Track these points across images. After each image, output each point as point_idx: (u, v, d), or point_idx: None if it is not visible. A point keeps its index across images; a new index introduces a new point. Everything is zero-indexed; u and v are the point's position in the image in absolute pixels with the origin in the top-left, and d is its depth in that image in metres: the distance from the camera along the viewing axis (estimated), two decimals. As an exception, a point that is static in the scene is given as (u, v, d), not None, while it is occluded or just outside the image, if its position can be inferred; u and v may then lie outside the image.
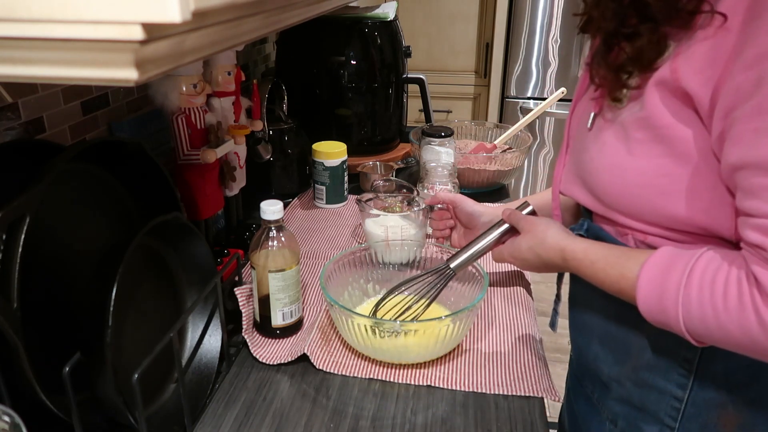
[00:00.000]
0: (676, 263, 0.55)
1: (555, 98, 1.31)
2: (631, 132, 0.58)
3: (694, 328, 0.54)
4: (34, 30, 0.30)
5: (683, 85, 0.52)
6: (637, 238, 0.63)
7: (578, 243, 0.67)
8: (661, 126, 0.56)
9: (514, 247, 0.77)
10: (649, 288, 0.56)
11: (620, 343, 0.68)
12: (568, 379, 0.85)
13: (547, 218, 0.76)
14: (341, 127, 1.38)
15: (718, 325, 0.52)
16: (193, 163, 0.87)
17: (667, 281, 0.55)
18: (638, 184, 0.59)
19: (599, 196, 0.64)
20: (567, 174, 0.72)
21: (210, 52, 0.39)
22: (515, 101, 2.95)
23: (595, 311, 0.71)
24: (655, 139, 0.56)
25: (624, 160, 0.59)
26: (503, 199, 1.29)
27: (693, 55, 0.52)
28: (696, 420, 0.64)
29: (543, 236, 0.72)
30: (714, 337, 0.53)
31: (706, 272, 0.53)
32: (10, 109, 0.72)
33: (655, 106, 0.55)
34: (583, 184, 0.67)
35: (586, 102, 0.68)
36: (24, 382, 0.54)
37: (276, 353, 0.79)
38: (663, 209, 0.58)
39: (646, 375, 0.66)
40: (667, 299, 0.55)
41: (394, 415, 0.70)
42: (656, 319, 0.57)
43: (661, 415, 0.66)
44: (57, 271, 0.64)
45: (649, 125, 0.56)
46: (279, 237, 0.77)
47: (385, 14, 1.35)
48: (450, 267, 0.81)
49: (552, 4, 2.74)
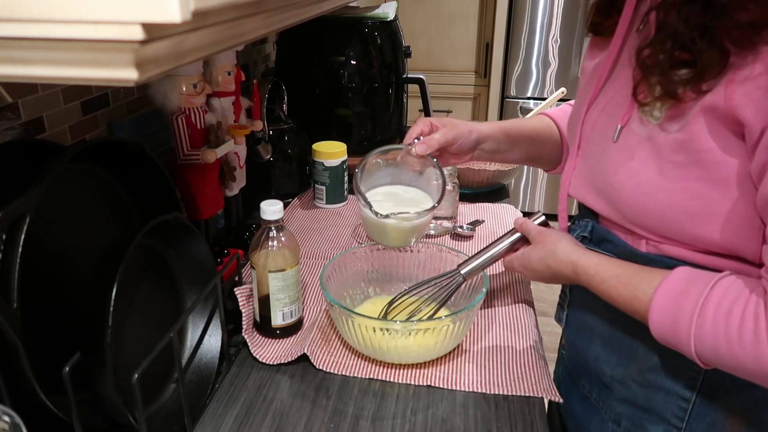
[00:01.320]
0: (691, 289, 0.55)
1: (555, 98, 1.31)
2: (666, 153, 0.56)
3: (706, 355, 0.54)
4: (34, 30, 0.30)
5: (737, 113, 0.51)
6: (651, 243, 0.62)
7: (590, 258, 0.66)
8: (703, 150, 0.54)
9: (524, 257, 0.76)
10: (663, 313, 0.56)
11: (626, 345, 0.68)
12: (559, 377, 0.85)
13: (558, 230, 0.75)
14: (341, 127, 1.38)
15: (731, 356, 0.52)
16: (193, 163, 0.87)
17: (681, 308, 0.55)
18: (667, 204, 0.57)
19: (620, 209, 0.63)
20: (578, 178, 0.71)
21: (210, 52, 0.39)
22: (515, 101, 2.95)
23: (599, 313, 0.71)
24: (694, 162, 0.55)
25: (654, 180, 0.58)
26: (503, 199, 1.29)
27: (753, 85, 0.50)
28: (703, 420, 0.63)
29: (554, 248, 0.70)
30: (725, 366, 0.54)
31: (722, 303, 0.53)
32: (10, 109, 0.72)
33: (700, 131, 0.53)
34: (598, 193, 0.66)
35: (606, 109, 0.66)
36: (24, 382, 0.54)
37: (276, 353, 0.79)
38: (689, 230, 0.57)
39: (653, 376, 0.65)
40: (680, 326, 0.55)
41: (394, 415, 0.70)
42: (668, 342, 0.57)
43: (667, 416, 0.65)
44: (57, 271, 0.64)
45: (689, 149, 0.55)
46: (279, 237, 0.77)
47: (385, 14, 1.35)
48: (460, 273, 0.80)
49: (552, 4, 2.74)
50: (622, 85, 0.64)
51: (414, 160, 0.81)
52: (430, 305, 0.81)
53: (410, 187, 0.86)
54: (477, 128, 0.84)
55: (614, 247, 0.67)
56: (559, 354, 0.85)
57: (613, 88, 0.66)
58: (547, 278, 0.73)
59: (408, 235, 0.82)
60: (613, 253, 0.66)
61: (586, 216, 0.72)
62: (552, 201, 3.15)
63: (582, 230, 0.72)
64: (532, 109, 1.37)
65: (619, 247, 0.66)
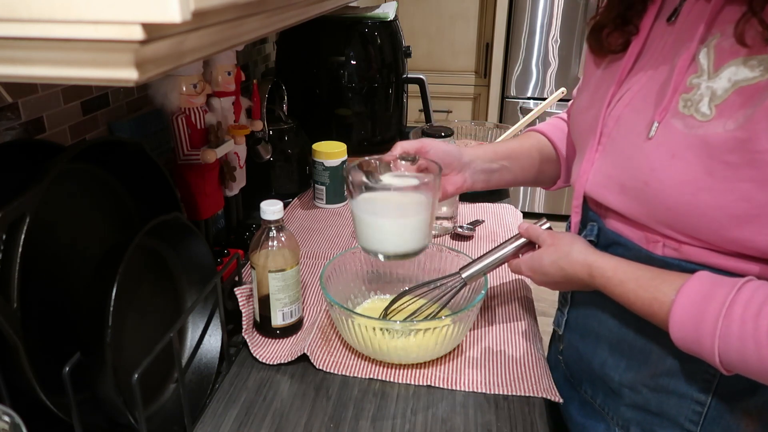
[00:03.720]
0: (717, 290, 0.53)
1: (555, 98, 1.31)
2: (717, 152, 0.53)
3: (730, 359, 0.52)
4: (34, 30, 0.30)
5: None
6: (669, 246, 0.60)
7: (607, 260, 0.64)
8: (761, 150, 0.51)
9: (534, 260, 0.72)
10: (685, 315, 0.55)
11: (637, 350, 0.66)
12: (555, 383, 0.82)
13: (571, 233, 0.72)
14: (341, 127, 1.38)
15: (759, 359, 0.50)
16: (193, 163, 0.87)
17: (706, 310, 0.53)
18: (712, 206, 0.55)
19: (653, 208, 0.60)
20: (597, 175, 0.67)
21: (210, 52, 0.39)
22: (515, 101, 2.95)
23: (607, 317, 0.69)
24: (747, 163, 0.52)
25: (699, 179, 0.55)
26: (503, 199, 1.29)
27: None
28: (719, 423, 0.62)
29: (568, 250, 0.68)
30: (751, 371, 0.52)
31: (750, 304, 0.51)
32: (10, 109, 0.72)
33: (765, 131, 0.50)
34: (623, 191, 0.63)
35: (632, 104, 0.63)
36: (24, 382, 0.54)
37: (276, 353, 0.79)
38: (728, 232, 0.55)
39: (666, 381, 0.64)
40: (703, 328, 0.53)
41: (394, 415, 0.70)
42: (689, 347, 0.55)
43: (681, 420, 0.64)
44: (57, 271, 0.64)
45: (747, 148, 0.51)
46: (279, 237, 0.77)
47: (385, 14, 1.35)
48: (462, 277, 0.79)
49: (552, 4, 2.74)
50: (649, 78, 0.62)
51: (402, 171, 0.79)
52: (430, 307, 0.81)
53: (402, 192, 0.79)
54: (461, 148, 0.82)
55: (626, 250, 0.65)
56: (555, 359, 0.83)
57: (639, 82, 0.63)
58: (558, 282, 0.70)
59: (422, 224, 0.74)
60: (624, 257, 0.64)
61: (590, 218, 0.71)
62: (552, 201, 3.15)
63: (588, 234, 0.70)
64: (532, 109, 1.37)
65: (632, 251, 0.64)
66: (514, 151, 0.86)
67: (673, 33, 0.61)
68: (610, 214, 0.68)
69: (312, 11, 0.66)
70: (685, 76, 0.57)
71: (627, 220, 0.64)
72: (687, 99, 0.56)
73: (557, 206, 3.16)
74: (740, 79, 0.53)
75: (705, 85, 0.55)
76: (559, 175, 0.89)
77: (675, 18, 0.61)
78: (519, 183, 0.90)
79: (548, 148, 0.88)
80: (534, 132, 0.90)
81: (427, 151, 0.79)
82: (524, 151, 0.87)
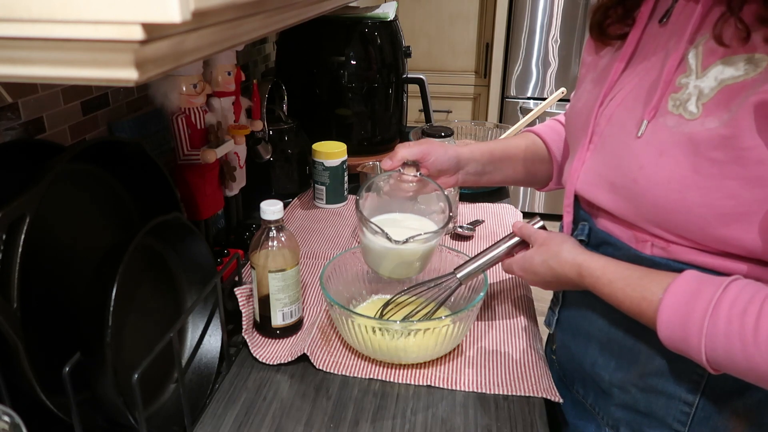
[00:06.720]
0: (704, 289, 0.53)
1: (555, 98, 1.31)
2: (703, 149, 0.54)
3: (717, 358, 0.52)
4: (34, 30, 0.30)
5: None
6: (657, 245, 0.61)
7: (596, 260, 0.64)
8: (746, 147, 0.51)
9: (525, 260, 0.74)
10: (673, 313, 0.55)
11: (626, 349, 0.66)
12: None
13: (561, 233, 0.73)
14: (341, 127, 1.38)
15: (745, 357, 0.50)
16: (193, 163, 0.87)
17: (693, 308, 0.53)
18: (699, 203, 0.55)
19: (641, 206, 0.60)
20: (588, 173, 0.67)
21: (210, 52, 0.39)
22: (515, 101, 2.95)
23: (597, 317, 0.70)
24: (733, 160, 0.52)
25: (687, 177, 0.55)
26: (503, 199, 1.29)
27: None
28: (706, 424, 0.62)
29: (558, 249, 0.69)
30: (737, 369, 0.52)
31: (736, 302, 0.51)
32: (10, 109, 0.72)
33: (748, 128, 0.51)
34: (612, 189, 0.63)
35: (624, 103, 0.63)
36: (24, 382, 0.54)
37: (276, 353, 0.79)
38: (714, 230, 0.55)
39: (654, 381, 0.64)
40: (690, 327, 0.53)
41: (394, 415, 0.70)
42: (676, 346, 0.56)
43: (669, 420, 0.64)
44: (57, 271, 0.64)
45: (732, 145, 0.52)
46: (279, 237, 0.77)
47: (385, 14, 1.35)
48: (457, 277, 0.80)
49: (552, 4, 2.74)
50: (641, 78, 0.62)
51: (407, 185, 0.80)
52: (426, 307, 0.81)
53: (406, 213, 0.83)
54: (456, 149, 0.83)
55: (615, 250, 0.65)
56: (549, 359, 0.83)
57: (632, 82, 0.64)
58: (548, 282, 0.71)
59: (424, 259, 0.80)
60: (613, 257, 0.65)
61: (581, 218, 0.71)
62: (552, 201, 3.15)
63: (579, 234, 0.70)
64: (532, 109, 1.37)
65: (621, 251, 0.64)
66: (508, 153, 0.87)
67: (665, 34, 0.62)
68: (600, 213, 0.68)
69: (312, 11, 0.66)
70: (675, 76, 0.57)
71: (617, 219, 0.65)
72: (676, 98, 0.57)
73: (557, 206, 3.16)
74: (726, 78, 0.53)
75: (693, 84, 0.55)
76: (552, 176, 0.90)
77: (667, 19, 0.61)
78: (509, 183, 0.92)
79: (542, 150, 0.89)
80: (529, 133, 0.91)
81: (429, 158, 0.80)
82: (519, 152, 0.88)
